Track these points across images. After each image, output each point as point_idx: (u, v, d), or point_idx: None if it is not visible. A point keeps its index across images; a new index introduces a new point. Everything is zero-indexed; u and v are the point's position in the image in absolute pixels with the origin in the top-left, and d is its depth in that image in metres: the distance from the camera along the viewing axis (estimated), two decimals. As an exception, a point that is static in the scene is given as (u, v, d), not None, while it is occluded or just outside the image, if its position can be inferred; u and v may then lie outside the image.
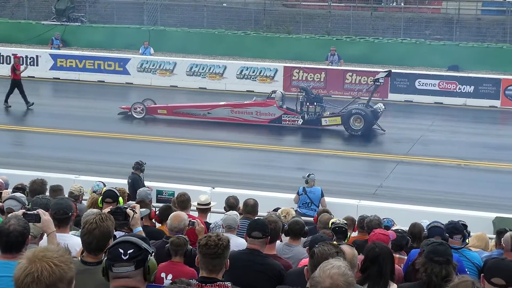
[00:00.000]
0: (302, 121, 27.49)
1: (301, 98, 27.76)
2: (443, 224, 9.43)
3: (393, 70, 34.13)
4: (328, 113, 27.76)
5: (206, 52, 40.77)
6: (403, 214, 15.80)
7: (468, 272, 8.51)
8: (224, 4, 47.05)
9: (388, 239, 8.87)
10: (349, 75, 33.82)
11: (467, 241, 10.48)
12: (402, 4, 46.41)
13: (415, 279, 7.22)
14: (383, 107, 27.41)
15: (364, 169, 23.83)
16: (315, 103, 27.63)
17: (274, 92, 28.39)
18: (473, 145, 26.56)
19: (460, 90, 32.76)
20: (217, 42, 41.62)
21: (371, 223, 10.47)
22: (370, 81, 30.03)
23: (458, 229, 9.23)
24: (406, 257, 8.86)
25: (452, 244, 9.12)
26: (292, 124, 27.62)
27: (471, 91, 32.63)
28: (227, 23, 44.84)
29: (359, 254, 6.97)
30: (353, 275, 4.40)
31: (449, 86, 32.91)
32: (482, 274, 5.75)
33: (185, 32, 42.78)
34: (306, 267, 5.82)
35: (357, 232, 11.78)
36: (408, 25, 42.96)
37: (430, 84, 33.03)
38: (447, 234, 9.15)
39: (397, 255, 8.96)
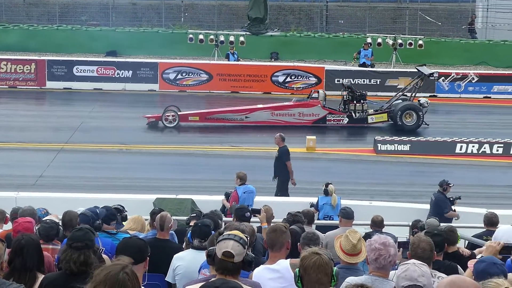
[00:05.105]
0: (348, 120, 26.97)
1: (345, 96, 27.24)
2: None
3: (49, 58, 33.57)
4: (372, 110, 27.44)
5: None
6: (63, 203, 15.40)
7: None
8: None
9: (32, 226, 8.59)
10: (4, 64, 32.54)
11: (123, 224, 10.50)
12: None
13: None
14: (428, 101, 27.41)
15: (23, 160, 23.00)
16: (361, 101, 27.09)
17: (316, 91, 27.77)
18: (134, 130, 26.76)
19: (118, 76, 32.90)
20: None
21: (24, 214, 10.05)
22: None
23: (114, 214, 9.20)
24: (59, 247, 8.56)
25: (108, 229, 9.08)
26: (337, 123, 27.04)
27: (130, 76, 32.91)
28: None
29: None
30: None
31: (108, 71, 32.92)
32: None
33: None
34: None
35: (10, 224, 11.27)
36: (64, 12, 42.34)
37: (89, 71, 32.83)
38: (97, 221, 9.04)
39: (50, 246, 8.67)
